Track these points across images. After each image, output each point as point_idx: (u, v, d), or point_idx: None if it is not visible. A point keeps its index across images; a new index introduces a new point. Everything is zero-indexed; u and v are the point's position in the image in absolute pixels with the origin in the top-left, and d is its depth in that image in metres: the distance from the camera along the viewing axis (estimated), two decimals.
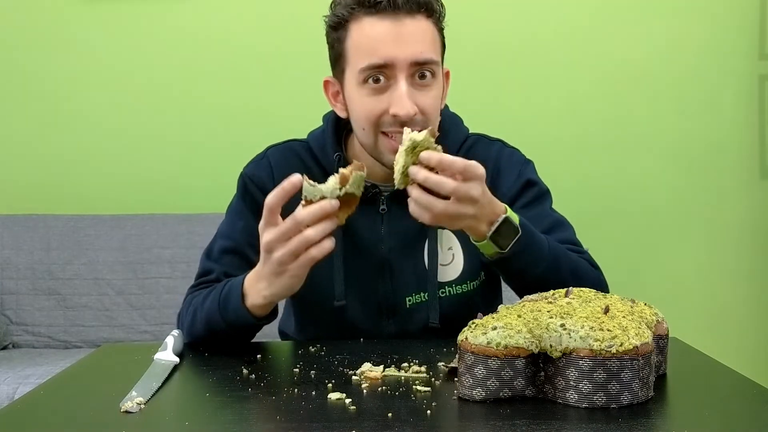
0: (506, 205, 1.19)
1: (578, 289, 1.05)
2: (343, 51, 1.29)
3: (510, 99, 2.74)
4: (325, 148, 1.39)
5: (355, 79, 1.27)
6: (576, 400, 0.91)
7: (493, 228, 1.16)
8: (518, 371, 0.93)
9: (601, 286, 1.29)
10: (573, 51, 2.76)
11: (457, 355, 0.99)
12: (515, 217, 1.19)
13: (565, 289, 1.04)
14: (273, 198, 1.12)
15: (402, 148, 1.11)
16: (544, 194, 1.40)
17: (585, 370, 0.90)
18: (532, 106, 2.76)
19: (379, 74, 1.25)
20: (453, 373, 1.04)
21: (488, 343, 0.93)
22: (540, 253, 1.22)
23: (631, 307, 1.00)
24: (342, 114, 1.35)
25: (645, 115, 2.78)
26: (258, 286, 1.20)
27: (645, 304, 1.04)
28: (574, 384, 0.91)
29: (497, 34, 2.75)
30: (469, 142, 1.42)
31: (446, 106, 1.43)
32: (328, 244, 1.12)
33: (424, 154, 1.10)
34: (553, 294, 1.04)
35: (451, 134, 1.39)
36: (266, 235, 1.13)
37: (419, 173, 1.10)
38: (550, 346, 0.93)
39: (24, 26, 2.81)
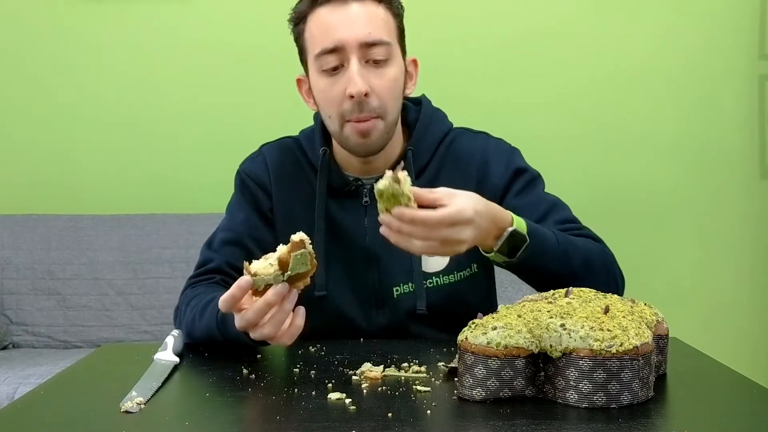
0: (512, 214, 1.19)
1: (578, 289, 1.05)
2: (303, 44, 1.35)
3: (509, 98, 2.74)
4: (314, 144, 1.43)
5: (315, 69, 1.33)
6: (576, 400, 0.91)
7: (500, 243, 1.17)
8: (518, 371, 0.93)
9: (609, 259, 1.31)
10: (572, 50, 2.76)
11: (457, 355, 0.99)
12: (523, 226, 1.19)
13: (565, 289, 1.04)
14: (224, 304, 1.11)
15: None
16: (535, 179, 1.41)
17: (585, 370, 0.91)
18: (531, 105, 2.75)
19: (334, 59, 1.29)
20: (453, 373, 1.04)
21: (488, 343, 0.93)
22: (550, 254, 1.23)
23: (631, 307, 1.00)
24: (314, 108, 1.40)
25: (645, 114, 2.77)
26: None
27: (645, 304, 1.04)
28: (574, 384, 0.91)
29: (497, 33, 2.75)
30: (451, 136, 1.43)
31: (428, 102, 1.46)
32: (296, 329, 1.12)
33: (396, 212, 1.07)
34: (553, 294, 1.04)
35: (431, 129, 1.42)
36: (235, 319, 1.14)
37: (392, 225, 1.08)
38: (550, 346, 0.93)
39: (24, 26, 2.80)
